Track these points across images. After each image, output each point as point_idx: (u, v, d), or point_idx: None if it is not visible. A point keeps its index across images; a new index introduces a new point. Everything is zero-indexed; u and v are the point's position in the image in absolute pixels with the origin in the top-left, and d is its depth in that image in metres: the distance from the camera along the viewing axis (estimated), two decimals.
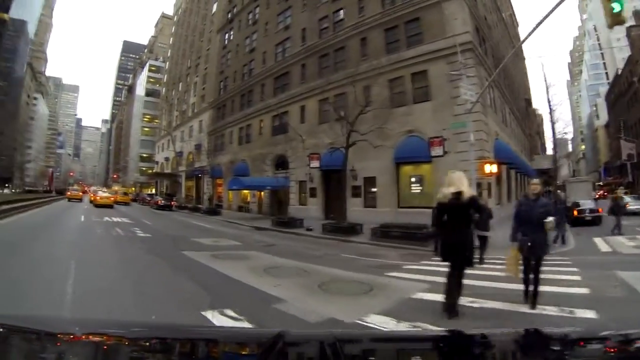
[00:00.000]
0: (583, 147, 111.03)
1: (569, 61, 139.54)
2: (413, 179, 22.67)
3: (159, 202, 40.31)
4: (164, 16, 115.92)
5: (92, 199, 37.04)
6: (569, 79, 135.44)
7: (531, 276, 5.77)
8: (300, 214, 24.54)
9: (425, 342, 1.65)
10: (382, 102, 21.08)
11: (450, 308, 5.23)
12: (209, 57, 50.60)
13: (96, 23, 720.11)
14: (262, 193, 33.36)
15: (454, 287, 5.32)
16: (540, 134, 65.60)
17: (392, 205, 22.19)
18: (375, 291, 6.79)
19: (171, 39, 79.76)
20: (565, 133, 61.96)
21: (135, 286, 6.65)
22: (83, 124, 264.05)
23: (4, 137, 62.51)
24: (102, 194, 36.99)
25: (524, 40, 18.90)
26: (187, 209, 38.31)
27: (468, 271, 5.57)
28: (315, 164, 24.06)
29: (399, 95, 23.25)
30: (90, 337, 1.34)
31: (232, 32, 44.36)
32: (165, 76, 78.26)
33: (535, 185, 6.27)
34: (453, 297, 5.29)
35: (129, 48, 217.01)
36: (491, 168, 15.81)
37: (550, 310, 5.49)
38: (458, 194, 5.08)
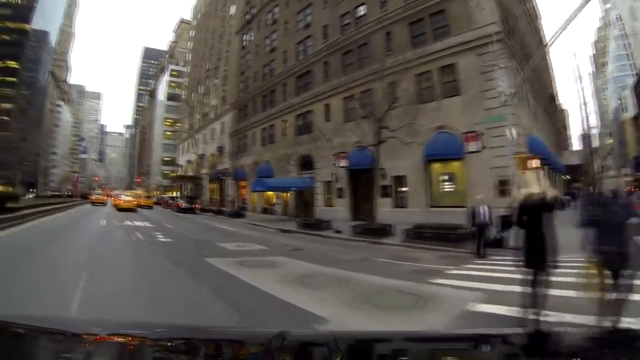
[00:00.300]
0: (610, 141, 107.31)
1: (593, 53, 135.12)
2: (444, 177, 21.77)
3: (182, 205, 40.18)
4: (183, 21, 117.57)
5: (115, 202, 36.92)
6: (593, 70, 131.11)
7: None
8: (326, 215, 23.85)
9: (425, 342, 1.62)
10: (409, 98, 20.24)
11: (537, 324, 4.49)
12: (229, 59, 50.50)
13: (117, 31, 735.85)
14: (287, 194, 32.78)
15: (540, 298, 4.64)
16: (564, 129, 63.74)
17: (423, 204, 21.32)
18: (427, 303, 6.02)
19: (191, 43, 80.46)
20: (592, 127, 60.21)
21: (151, 300, 6.00)
22: (107, 130, 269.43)
23: (28, 143, 63.41)
24: (125, 198, 36.58)
25: (555, 37, 17.82)
26: (210, 211, 38.06)
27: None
28: (342, 163, 23.28)
29: (426, 90, 22.35)
30: (108, 337, 1.35)
31: (251, 33, 44.08)
32: (186, 80, 78.79)
33: (619, 179, 5.40)
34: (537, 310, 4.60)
35: (149, 54, 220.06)
36: (533, 163, 14.85)
37: None
38: (538, 194, 4.69)
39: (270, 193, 35.06)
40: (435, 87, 22.08)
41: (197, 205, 39.42)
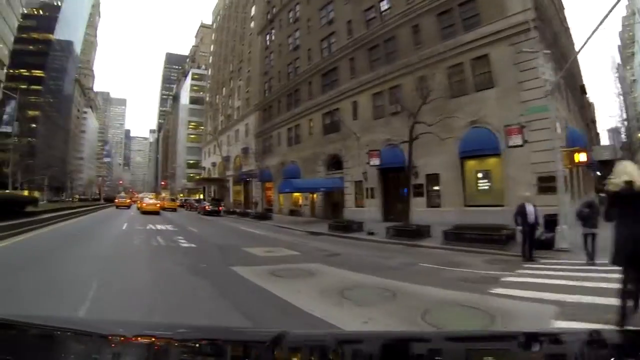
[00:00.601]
0: None
1: (619, 44, 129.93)
2: (479, 175, 20.76)
3: (207, 207, 39.63)
4: (203, 26, 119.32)
5: (138, 206, 36.90)
6: (619, 62, 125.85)
7: None
8: (356, 216, 23.12)
9: (426, 342, 1.59)
10: (441, 92, 19.33)
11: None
12: (252, 60, 50.27)
13: (140, 39, 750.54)
14: (315, 195, 32.16)
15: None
16: (593, 122, 61.36)
17: (458, 204, 20.37)
18: (500, 320, 5.20)
19: (212, 46, 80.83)
20: (622, 120, 57.68)
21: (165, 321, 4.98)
22: (132, 134, 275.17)
23: (56, 149, 65.18)
24: (148, 201, 36.39)
25: (593, 32, 16.65)
26: (235, 213, 37.70)
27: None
28: (375, 161, 22.27)
29: (458, 84, 21.37)
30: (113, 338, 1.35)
31: (273, 33, 43.69)
32: (209, 83, 79.11)
33: None
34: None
35: (172, 59, 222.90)
36: (579, 157, 13.81)
37: None
38: (631, 183, 4.30)
39: (297, 194, 34.51)
40: (467, 80, 21.11)
41: (220, 207, 39.03)
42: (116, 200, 51.11)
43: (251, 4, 52.23)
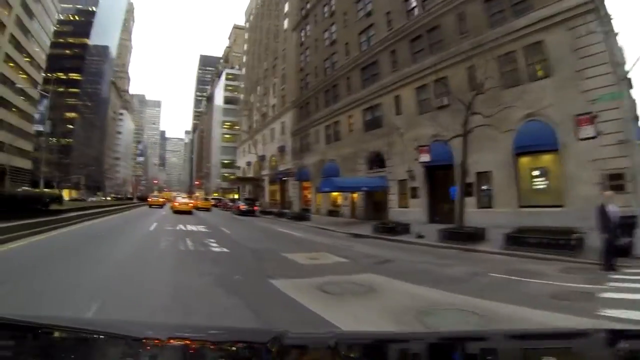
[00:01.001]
0: None
1: None
2: (535, 172, 19.05)
3: (241, 207, 38.48)
4: (236, 27, 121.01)
5: (171, 205, 36.39)
6: None
7: None
8: (400, 217, 21.94)
9: (427, 343, 1.56)
10: (494, 82, 17.85)
11: None
12: (286, 57, 49.62)
13: (174, 43, 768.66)
14: (356, 195, 31.03)
15: None
16: None
17: (512, 204, 18.79)
18: None
19: (245, 45, 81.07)
20: None
21: None
22: (167, 135, 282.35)
23: (91, 149, 67.41)
24: (180, 200, 35.59)
25: None
26: (271, 214, 37.04)
27: None
28: (425, 157, 20.39)
29: (510, 74, 19.67)
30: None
31: (308, 28, 42.82)
32: (243, 82, 79.13)
33: None
34: None
35: (205, 61, 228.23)
36: None
37: None
38: None
39: (335, 194, 33.51)
40: (520, 69, 19.43)
41: (256, 207, 38.34)
42: (149, 199, 51.24)
43: (284, 1, 51.53)
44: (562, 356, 1.37)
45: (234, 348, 1.38)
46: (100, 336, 1.34)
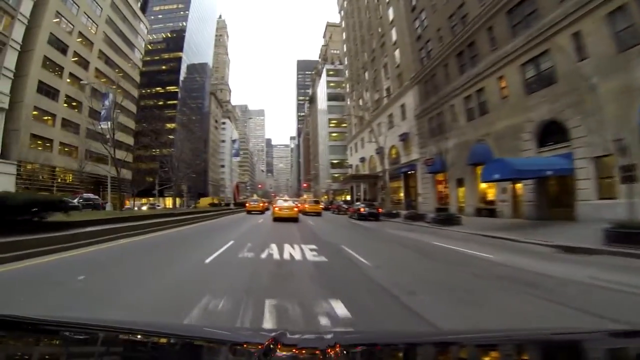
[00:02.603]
0: None
1: None
2: None
3: (362, 210, 29.88)
4: (330, 25, 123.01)
5: (273, 211, 27.66)
6: None
7: None
8: (601, 213, 13.87)
9: (428, 343, 1.51)
10: None
11: None
12: (396, 29, 41.93)
13: (271, 53, 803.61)
14: (519, 185, 22.37)
15: None
16: None
17: None
18: None
19: (343, 34, 75.98)
20: None
21: None
22: (273, 143, 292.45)
23: (199, 159, 68.66)
24: (282, 204, 27.23)
25: None
26: (396, 216, 29.45)
27: None
28: None
29: None
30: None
31: None
32: (346, 74, 72.78)
33: None
34: None
35: (302, 66, 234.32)
36: None
37: None
38: None
39: (484, 186, 25.17)
40: None
41: (380, 209, 30.69)
42: (247, 205, 43.34)
43: None
44: (563, 356, 1.32)
45: (233, 348, 1.28)
46: (101, 336, 1.33)
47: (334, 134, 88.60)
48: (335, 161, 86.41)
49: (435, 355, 1.35)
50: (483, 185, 25.65)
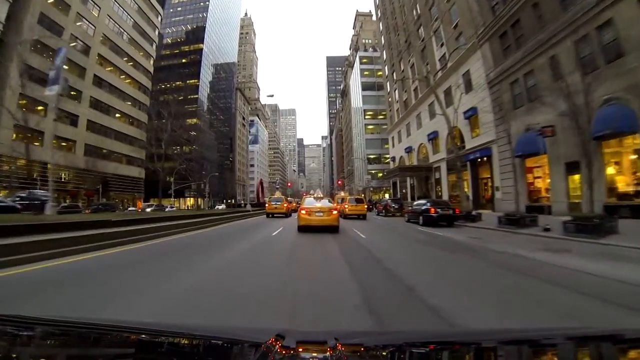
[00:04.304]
0: None
1: None
2: None
3: (432, 211, 19.99)
4: (359, 14, 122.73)
5: (298, 214, 17.63)
6: None
7: None
8: None
9: (429, 342, 1.43)
10: None
11: None
12: None
13: (301, 54, 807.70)
14: None
15: None
16: None
17: None
18: None
19: (378, 12, 67.11)
20: None
21: None
22: (305, 143, 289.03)
23: (219, 157, 68.77)
24: (312, 204, 17.58)
25: None
26: (476, 219, 20.81)
27: None
28: None
29: None
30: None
31: None
32: (384, 53, 63.88)
33: None
34: None
35: (331, 62, 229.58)
36: None
37: None
38: None
39: (612, 171, 16.69)
40: None
41: (457, 210, 21.26)
42: (266, 206, 34.64)
43: None
44: (563, 357, 1.29)
45: (234, 347, 1.32)
46: (101, 335, 1.33)
47: (370, 126, 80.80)
48: (372, 156, 78.88)
49: (436, 355, 1.28)
50: (610, 171, 17.25)
